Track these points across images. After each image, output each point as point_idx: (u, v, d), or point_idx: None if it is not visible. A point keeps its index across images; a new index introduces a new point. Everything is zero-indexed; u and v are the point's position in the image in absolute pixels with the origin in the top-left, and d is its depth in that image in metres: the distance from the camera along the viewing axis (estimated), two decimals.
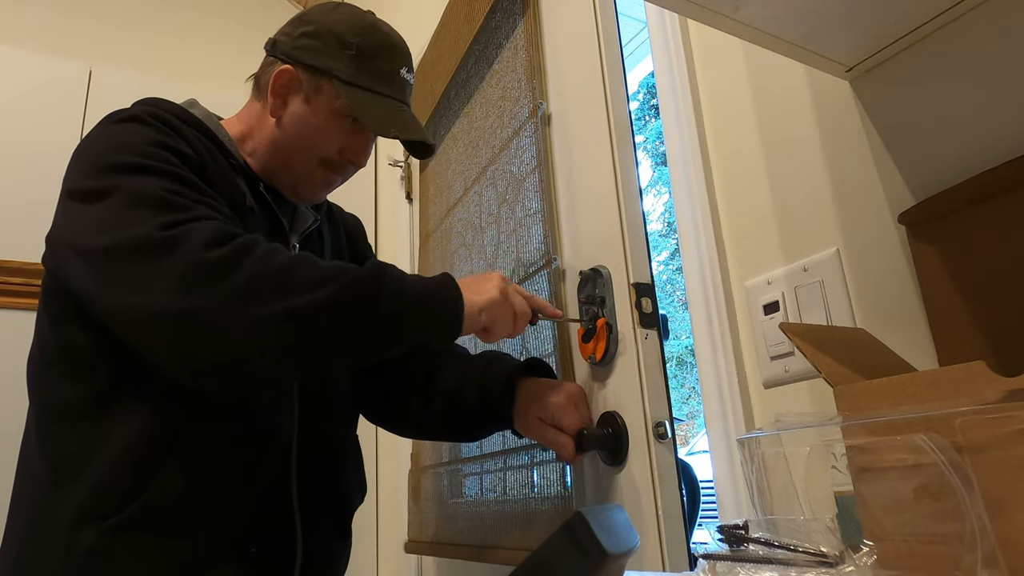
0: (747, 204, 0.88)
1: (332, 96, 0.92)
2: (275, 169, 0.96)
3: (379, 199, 2.25)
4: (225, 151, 0.91)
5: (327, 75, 0.92)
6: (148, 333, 0.72)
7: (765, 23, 0.67)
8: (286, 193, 0.97)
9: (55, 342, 0.82)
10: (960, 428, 0.37)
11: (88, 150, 0.82)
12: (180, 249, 0.69)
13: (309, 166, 0.95)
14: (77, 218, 0.77)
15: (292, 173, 0.95)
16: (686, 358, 8.31)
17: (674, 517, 0.85)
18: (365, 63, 0.93)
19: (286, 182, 0.96)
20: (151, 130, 0.82)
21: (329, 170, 0.96)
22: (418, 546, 1.48)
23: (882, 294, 0.72)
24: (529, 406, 0.92)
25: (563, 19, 1.15)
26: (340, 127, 0.93)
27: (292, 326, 0.70)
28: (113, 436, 0.76)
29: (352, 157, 0.96)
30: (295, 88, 0.93)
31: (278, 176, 0.96)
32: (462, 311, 0.80)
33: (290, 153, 0.94)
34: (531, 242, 1.16)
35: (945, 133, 0.67)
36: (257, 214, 0.90)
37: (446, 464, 1.44)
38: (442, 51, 1.57)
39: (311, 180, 0.96)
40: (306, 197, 0.98)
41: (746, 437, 0.50)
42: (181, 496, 0.76)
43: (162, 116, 0.85)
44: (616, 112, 1.01)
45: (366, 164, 0.99)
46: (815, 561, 0.39)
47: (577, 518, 0.49)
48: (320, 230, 1.04)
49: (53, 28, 2.38)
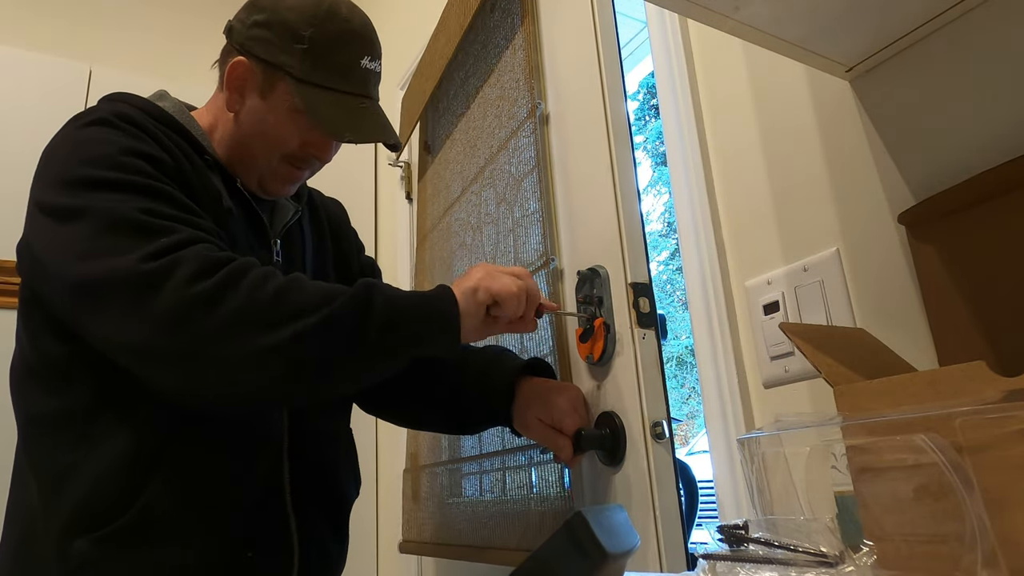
0: (747, 204, 0.88)
1: (286, 92, 0.87)
2: (239, 163, 0.92)
3: (379, 199, 2.24)
4: (199, 147, 0.88)
5: (280, 70, 0.87)
6: (142, 367, 0.72)
7: (765, 23, 0.67)
8: (253, 187, 0.94)
9: (34, 353, 0.80)
10: (960, 428, 0.37)
11: (55, 158, 0.79)
12: (167, 285, 0.68)
13: (271, 161, 0.91)
14: (53, 238, 0.74)
15: (255, 168, 0.92)
16: (686, 358, 8.31)
17: (672, 517, 0.85)
18: (320, 57, 0.86)
19: (251, 177, 0.93)
20: (121, 135, 0.79)
21: (292, 165, 0.92)
22: (413, 546, 1.47)
23: (882, 294, 0.72)
24: (529, 406, 0.92)
25: (561, 19, 1.15)
26: (298, 124, 0.88)
27: (281, 359, 0.69)
28: (101, 446, 0.75)
29: (315, 152, 0.92)
30: (250, 82, 0.89)
31: (243, 170, 0.92)
32: (457, 321, 0.77)
33: (251, 149, 0.91)
34: (529, 242, 1.16)
35: (945, 133, 0.67)
36: (235, 215, 0.87)
37: (445, 464, 1.44)
38: (440, 51, 1.57)
39: (274, 176, 0.92)
40: (273, 192, 0.95)
41: (746, 437, 0.50)
42: (174, 504, 0.75)
43: (131, 116, 0.82)
44: (614, 112, 1.01)
45: (331, 159, 0.95)
46: (815, 561, 0.39)
47: (577, 518, 0.49)
48: (301, 224, 1.01)
49: (53, 28, 2.37)
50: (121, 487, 0.74)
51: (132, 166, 0.76)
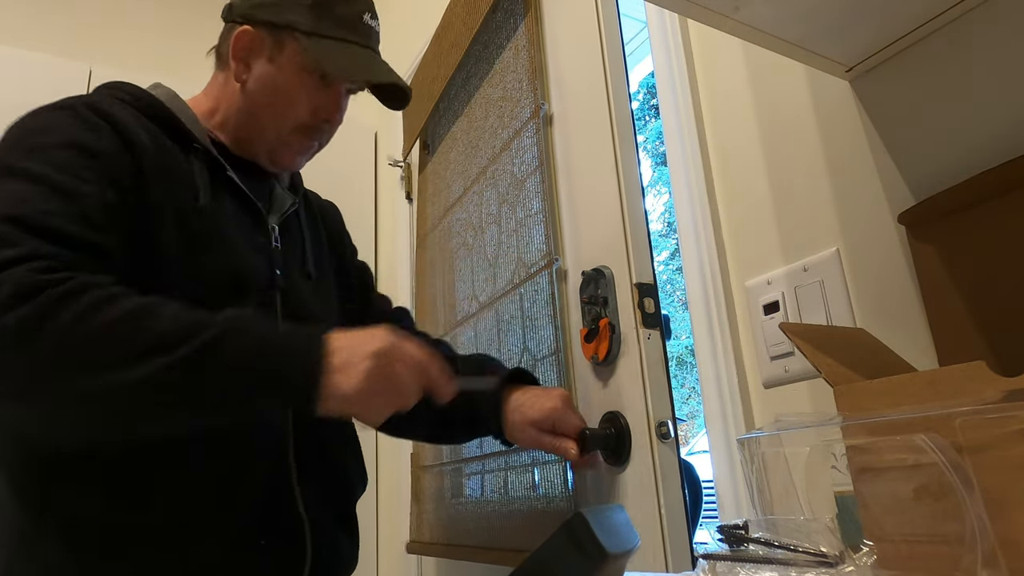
0: (747, 204, 0.88)
1: (296, 51, 0.88)
2: (248, 139, 0.91)
3: (379, 199, 2.24)
4: (186, 137, 0.85)
5: (287, 29, 0.88)
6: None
7: (765, 23, 0.67)
8: (264, 163, 0.92)
9: None
10: (960, 428, 0.37)
11: (7, 135, 0.77)
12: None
13: (281, 131, 0.90)
14: None
15: (266, 141, 0.91)
16: (686, 358, 8.31)
17: (677, 517, 0.85)
18: (325, 11, 0.89)
19: (262, 151, 0.92)
20: (75, 125, 0.76)
21: (304, 135, 0.92)
22: (419, 547, 1.48)
23: (882, 294, 0.72)
24: (522, 415, 0.90)
25: (565, 19, 1.15)
26: (308, 85, 0.89)
27: (100, 407, 0.63)
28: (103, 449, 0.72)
29: (326, 115, 0.92)
30: (257, 48, 0.89)
31: (252, 146, 0.91)
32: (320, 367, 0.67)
33: (261, 119, 0.90)
34: (532, 242, 1.16)
35: (945, 133, 0.67)
36: (209, 213, 0.82)
37: (447, 464, 1.44)
38: (442, 51, 1.57)
39: (286, 147, 0.91)
40: (285, 164, 0.94)
41: (746, 437, 0.50)
42: (181, 513, 0.73)
43: (102, 106, 0.79)
44: (618, 111, 1.01)
45: (342, 121, 0.94)
46: (815, 561, 0.39)
47: (577, 518, 0.49)
48: (299, 214, 1.00)
49: (53, 28, 2.38)
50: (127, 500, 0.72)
51: (58, 160, 0.72)
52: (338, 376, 0.67)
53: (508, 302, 1.22)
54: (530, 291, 1.14)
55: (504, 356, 1.22)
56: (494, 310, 1.28)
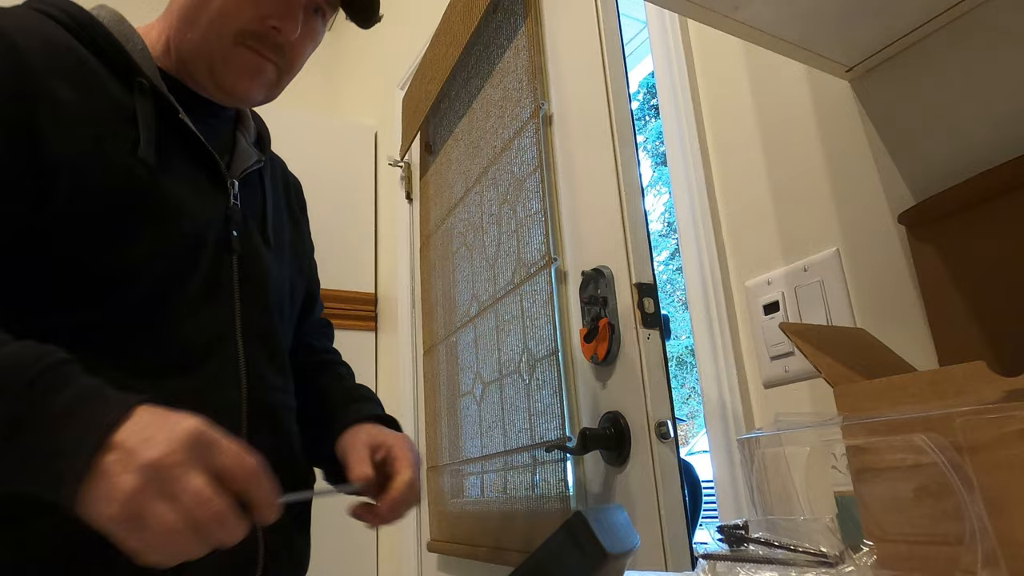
0: (747, 204, 0.88)
1: None
2: (189, 57, 0.75)
3: (379, 199, 2.24)
4: (130, 69, 0.71)
5: None
6: None
7: (765, 23, 0.67)
8: (210, 90, 0.77)
9: None
10: (960, 428, 0.37)
11: None
12: None
13: (223, 44, 0.74)
14: None
15: (207, 56, 0.75)
16: (686, 358, 8.32)
17: (676, 516, 0.85)
18: None
19: (203, 70, 0.76)
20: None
21: (249, 49, 0.75)
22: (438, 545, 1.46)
23: (882, 294, 0.72)
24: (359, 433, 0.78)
25: (565, 19, 1.15)
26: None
27: None
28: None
29: (276, 23, 0.75)
30: None
31: (194, 65, 0.76)
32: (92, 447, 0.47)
33: (198, 30, 0.74)
34: (532, 242, 1.16)
35: (945, 133, 0.67)
36: (149, 164, 0.69)
37: (447, 465, 1.44)
38: (442, 51, 1.57)
39: (229, 64, 0.75)
40: (232, 89, 0.77)
41: (746, 437, 0.50)
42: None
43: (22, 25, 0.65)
44: (618, 111, 1.01)
45: (296, 33, 0.77)
46: (815, 561, 0.39)
47: (577, 518, 0.49)
48: (262, 174, 0.86)
49: None
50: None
51: None
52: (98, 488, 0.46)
53: (508, 302, 1.23)
54: (530, 291, 1.15)
55: (504, 356, 1.22)
56: (494, 310, 1.28)
